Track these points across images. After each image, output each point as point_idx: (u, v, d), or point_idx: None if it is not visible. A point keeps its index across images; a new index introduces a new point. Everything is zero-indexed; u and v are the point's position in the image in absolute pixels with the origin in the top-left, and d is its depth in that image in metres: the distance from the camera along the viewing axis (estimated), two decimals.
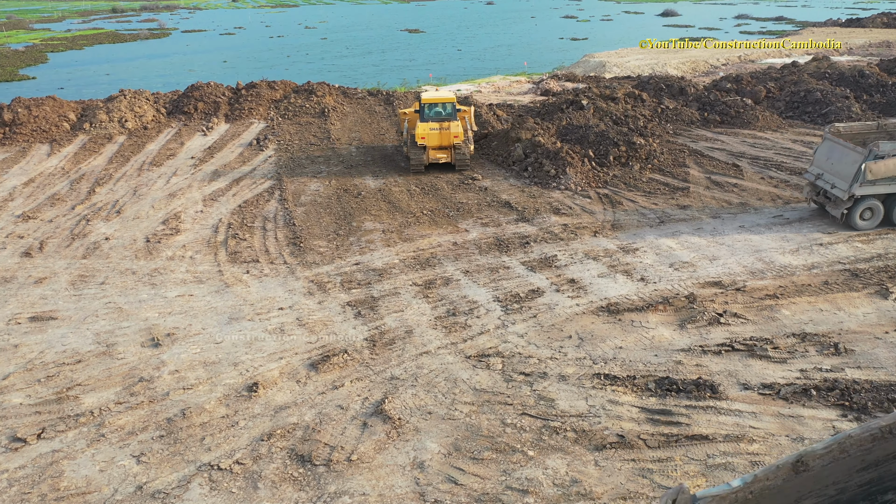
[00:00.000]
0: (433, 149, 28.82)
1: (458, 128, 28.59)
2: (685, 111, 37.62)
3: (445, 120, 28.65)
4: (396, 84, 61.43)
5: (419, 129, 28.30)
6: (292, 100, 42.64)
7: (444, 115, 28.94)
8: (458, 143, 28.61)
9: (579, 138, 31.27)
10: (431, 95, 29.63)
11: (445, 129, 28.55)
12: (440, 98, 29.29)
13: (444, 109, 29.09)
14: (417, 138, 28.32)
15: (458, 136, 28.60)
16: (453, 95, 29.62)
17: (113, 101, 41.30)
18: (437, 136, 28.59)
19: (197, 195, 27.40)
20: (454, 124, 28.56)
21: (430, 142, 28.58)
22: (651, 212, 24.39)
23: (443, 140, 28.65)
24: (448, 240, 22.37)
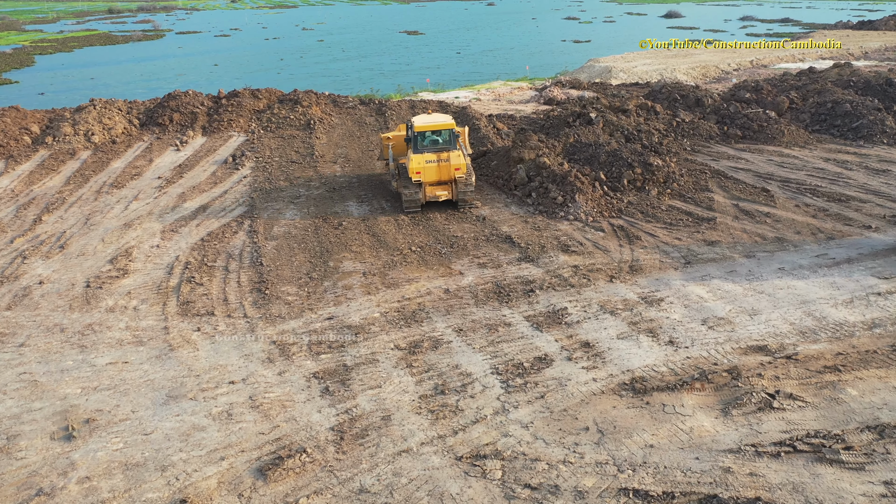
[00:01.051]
0: (431, 185, 24.41)
1: (459, 158, 24.14)
2: (703, 125, 34.35)
3: (443, 150, 24.25)
4: (391, 90, 58.23)
5: (413, 162, 23.75)
6: (276, 110, 39.41)
7: (442, 143, 24.53)
8: (461, 177, 24.21)
9: (589, 158, 28.00)
10: (425, 122, 24.56)
11: (444, 162, 24.03)
12: (436, 124, 24.38)
13: (441, 137, 24.59)
14: (411, 173, 23.72)
15: (461, 169, 24.12)
16: (451, 120, 24.72)
17: (81, 112, 38.09)
18: (434, 169, 24.04)
19: (156, 225, 24.14)
20: (454, 154, 24.12)
21: (427, 177, 24.08)
22: (674, 249, 21.10)
23: (442, 174, 24.17)
24: (439, 286, 19.10)
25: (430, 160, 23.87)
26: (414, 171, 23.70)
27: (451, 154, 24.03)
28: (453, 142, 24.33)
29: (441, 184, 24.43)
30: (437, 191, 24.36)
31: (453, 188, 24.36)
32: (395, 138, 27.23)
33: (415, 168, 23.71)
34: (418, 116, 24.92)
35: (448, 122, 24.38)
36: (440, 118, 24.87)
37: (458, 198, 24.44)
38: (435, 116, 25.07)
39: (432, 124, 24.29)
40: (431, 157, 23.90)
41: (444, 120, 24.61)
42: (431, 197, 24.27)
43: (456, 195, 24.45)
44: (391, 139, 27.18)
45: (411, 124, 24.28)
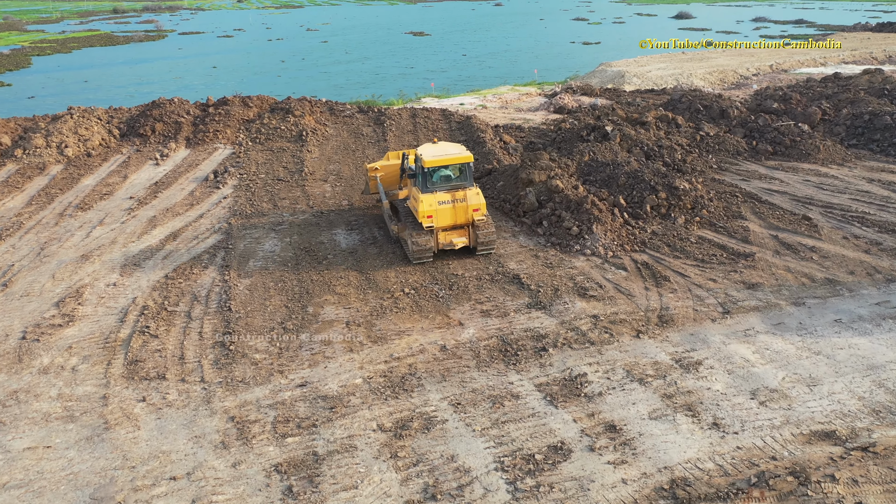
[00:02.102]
0: (445, 230, 20.36)
1: (477, 197, 20.20)
2: (729, 139, 31.35)
3: (458, 187, 20.17)
4: (393, 95, 55.42)
5: (424, 204, 19.69)
6: (266, 120, 36.57)
7: (457, 180, 20.38)
8: (481, 220, 20.26)
9: (606, 179, 25.05)
10: (437, 154, 20.12)
11: (461, 202, 20.01)
12: (451, 158, 20.03)
13: (456, 173, 20.46)
14: (421, 217, 19.70)
15: (480, 209, 20.20)
16: (466, 151, 20.47)
17: (56, 122, 35.38)
18: (449, 212, 19.97)
19: (117, 257, 21.33)
20: (471, 192, 20.15)
21: (441, 221, 19.99)
22: (709, 294, 18.15)
23: (458, 216, 20.13)
24: (435, 340, 16.20)
25: (444, 201, 19.89)
26: (425, 214, 19.66)
27: (467, 192, 20.09)
28: (469, 177, 20.34)
29: (456, 228, 20.50)
30: (452, 237, 20.32)
31: (470, 232, 20.43)
32: (383, 169, 23.61)
33: (426, 211, 19.66)
34: (425, 147, 20.73)
35: (464, 156, 20.18)
36: (453, 149, 20.64)
37: (479, 245, 20.41)
38: (445, 147, 20.91)
39: (446, 158, 19.97)
40: (445, 196, 19.93)
41: (459, 152, 20.38)
42: (446, 245, 20.19)
43: (474, 241, 20.47)
44: (379, 170, 23.59)
45: (419, 158, 20.02)
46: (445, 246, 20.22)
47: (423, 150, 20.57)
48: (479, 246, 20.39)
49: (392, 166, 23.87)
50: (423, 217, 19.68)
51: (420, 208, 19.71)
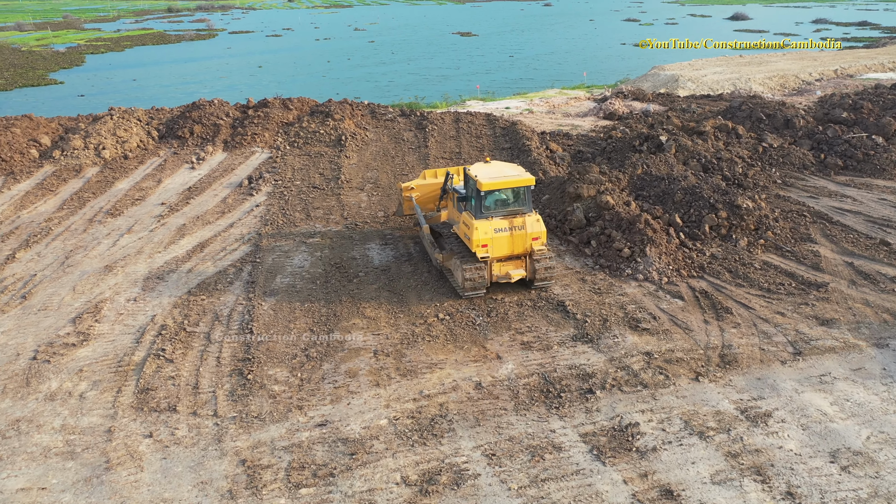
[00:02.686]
0: (500, 261, 18.11)
1: (538, 225, 17.96)
2: (794, 151, 29.09)
3: (517, 213, 17.90)
4: (437, 98, 54.10)
5: (479, 232, 17.43)
6: (305, 123, 35.61)
7: (515, 205, 18.00)
8: (541, 249, 18.08)
9: (661, 195, 23.23)
10: (492, 175, 17.72)
11: (519, 230, 17.74)
12: (510, 181, 17.60)
13: (514, 197, 18.03)
14: (474, 246, 17.51)
15: (540, 238, 18.01)
16: (526, 173, 18.12)
17: (96, 123, 35.01)
18: (506, 241, 17.72)
19: (141, 269, 20.43)
20: (531, 219, 17.90)
21: (497, 251, 17.74)
22: (778, 330, 16.26)
23: (516, 246, 17.89)
24: (469, 376, 14.74)
25: (501, 228, 17.59)
26: (479, 243, 17.43)
27: (526, 219, 17.82)
28: (528, 202, 18.02)
29: (512, 258, 18.15)
30: (508, 268, 18.10)
31: (527, 262, 18.24)
32: (419, 189, 21.65)
33: (480, 240, 17.42)
34: (479, 168, 18.29)
35: (524, 178, 17.76)
36: (511, 170, 18.21)
37: (538, 277, 18.19)
38: (501, 167, 18.41)
39: (505, 180, 17.51)
40: (502, 223, 17.62)
41: (518, 174, 17.93)
42: (501, 277, 17.99)
43: (532, 272, 18.26)
44: (415, 189, 21.65)
45: (474, 180, 17.63)
46: (500, 278, 17.96)
47: (478, 170, 18.10)
48: (536, 279, 18.22)
49: (429, 186, 21.89)
50: (476, 246, 17.43)
51: (474, 236, 17.39)
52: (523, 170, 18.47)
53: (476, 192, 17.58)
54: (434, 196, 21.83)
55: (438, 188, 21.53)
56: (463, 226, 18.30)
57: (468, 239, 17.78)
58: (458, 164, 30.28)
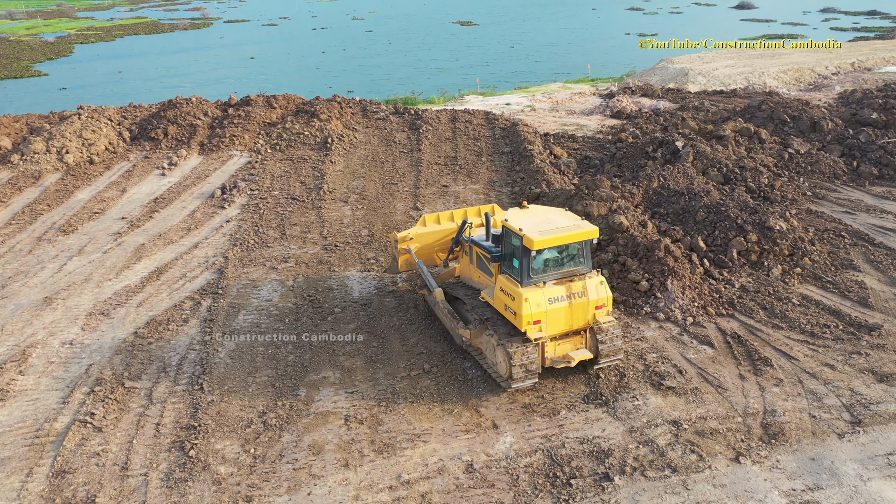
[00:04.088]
0: (556, 339, 13.87)
1: (602, 289, 13.83)
2: (824, 159, 26.35)
3: (574, 275, 13.77)
4: (434, 91, 51.26)
5: (528, 303, 13.06)
6: (289, 124, 32.88)
7: (571, 264, 13.79)
8: (608, 322, 13.90)
9: (680, 213, 20.55)
10: (543, 228, 13.40)
11: (579, 298, 13.54)
12: (567, 235, 13.35)
13: (570, 254, 13.76)
14: (524, 323, 13.11)
15: (605, 306, 13.93)
16: (586, 224, 13.85)
17: (62, 123, 32.26)
18: (564, 313, 13.45)
19: (86, 301, 17.77)
20: (593, 282, 13.76)
21: (553, 327, 13.49)
22: (828, 389, 13.62)
23: (576, 319, 13.66)
24: (458, 454, 12.11)
25: (556, 298, 13.32)
26: (530, 320, 13.13)
27: (587, 282, 13.69)
28: (588, 259, 13.86)
29: (568, 335, 13.98)
30: (566, 347, 13.93)
31: (588, 338, 14.08)
32: (420, 238, 16.87)
33: (532, 315, 13.11)
34: (517, 216, 14.05)
35: (584, 230, 13.51)
36: (562, 219, 13.94)
37: (602, 355, 14.04)
38: (549, 215, 14.14)
39: (562, 234, 13.28)
40: (557, 291, 13.37)
41: (575, 224, 13.71)
42: (557, 360, 13.80)
43: (596, 349, 14.02)
44: (414, 240, 16.84)
45: (518, 235, 13.37)
46: (556, 362, 13.76)
47: (520, 220, 13.76)
48: (602, 356, 14.05)
49: (431, 234, 17.05)
50: (526, 323, 13.09)
51: (522, 310, 13.00)
52: (576, 216, 14.23)
53: (523, 250, 13.16)
54: (439, 246, 17.18)
55: (443, 237, 17.04)
56: (501, 293, 13.75)
57: (512, 313, 13.36)
58: (454, 171, 27.59)
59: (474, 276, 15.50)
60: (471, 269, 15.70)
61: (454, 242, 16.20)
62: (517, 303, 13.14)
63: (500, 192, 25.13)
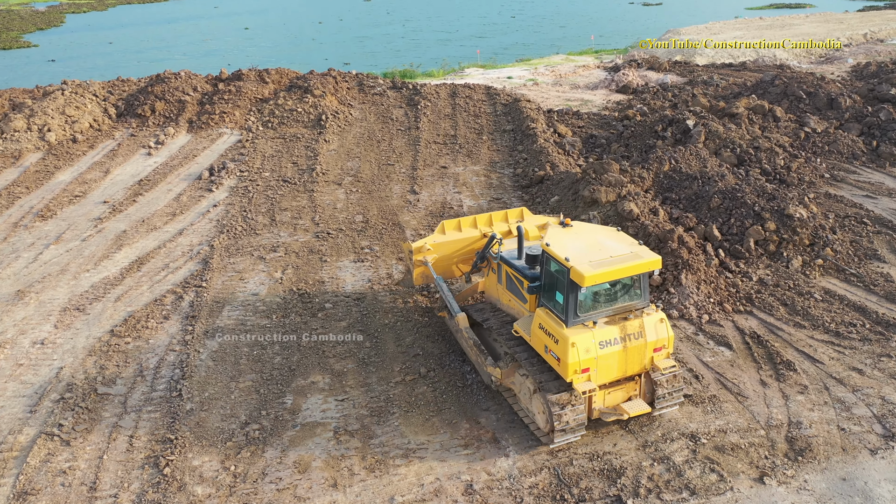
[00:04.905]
0: (606, 387, 11.60)
1: (661, 327, 11.55)
2: (842, 138, 25.07)
3: (630, 310, 11.55)
4: (434, 64, 49.60)
5: (575, 349, 10.86)
6: (281, 100, 31.53)
7: (625, 297, 11.56)
8: (669, 369, 11.60)
9: (692, 199, 19.40)
10: (590, 255, 11.14)
11: (636, 339, 11.34)
12: (624, 267, 11.04)
13: (624, 286, 11.51)
14: (570, 371, 10.93)
15: (664, 348, 11.67)
16: (647, 251, 11.51)
17: (45, 99, 30.90)
18: (617, 359, 11.29)
19: (61, 295, 16.70)
20: (651, 320, 11.51)
21: (604, 375, 11.32)
22: (857, 397, 12.60)
23: (630, 364, 11.49)
24: (457, 472, 11.12)
25: (609, 341, 11.10)
26: (578, 368, 10.92)
27: (644, 320, 11.41)
28: (645, 289, 11.59)
29: (621, 382, 11.70)
30: (617, 396, 11.65)
31: (644, 384, 11.84)
32: (438, 248, 14.58)
33: (580, 363, 10.90)
34: (558, 238, 11.64)
35: (646, 259, 11.19)
36: (615, 243, 11.61)
37: (659, 403, 11.81)
38: (596, 236, 11.84)
39: (618, 266, 10.94)
40: (609, 332, 11.13)
41: (633, 252, 11.32)
42: (607, 413, 11.49)
43: (651, 396, 11.83)
44: (431, 250, 14.53)
45: (564, 267, 10.95)
46: (606, 415, 11.46)
47: (563, 245, 11.31)
48: (658, 405, 11.81)
49: (451, 244, 14.71)
50: (572, 373, 10.91)
51: (568, 357, 10.79)
52: (631, 240, 11.79)
53: (569, 284, 10.85)
54: (459, 257, 14.94)
55: (464, 246, 14.81)
56: (540, 331, 11.46)
57: (555, 359, 11.13)
58: (454, 150, 26.33)
59: (503, 298, 13.35)
60: (498, 290, 13.52)
61: (479, 257, 13.99)
62: (562, 347, 10.89)
63: (502, 174, 23.92)
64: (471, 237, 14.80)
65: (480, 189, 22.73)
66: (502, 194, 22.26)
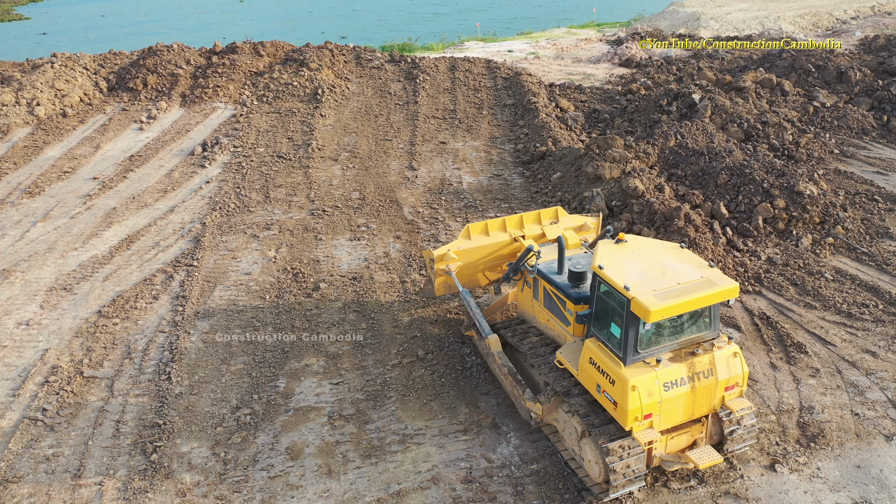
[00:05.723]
0: (671, 431, 9.93)
1: (734, 362, 9.85)
2: (851, 112, 24.42)
3: (698, 343, 9.79)
4: (433, 38, 48.64)
5: (637, 394, 9.15)
6: (276, 74, 30.78)
7: (693, 329, 9.77)
8: (744, 410, 9.97)
9: (699, 176, 18.82)
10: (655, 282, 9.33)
11: (706, 378, 9.62)
12: (696, 298, 9.18)
13: (693, 316, 9.70)
14: (629, 418, 9.22)
15: (738, 385, 9.98)
16: (722, 277, 9.61)
17: (34, 73, 30.16)
18: (684, 401, 9.59)
19: (48, 274, 16.20)
20: (724, 354, 9.79)
21: (668, 419, 9.64)
22: (871, 381, 12.16)
23: (699, 406, 9.80)
24: (456, 458, 10.70)
25: (675, 381, 9.45)
26: (640, 413, 9.31)
27: (715, 355, 9.74)
28: (716, 318, 9.84)
29: (685, 425, 10.05)
30: (680, 442, 10.04)
31: (710, 426, 10.13)
32: (463, 256, 12.92)
33: (642, 408, 9.28)
34: (610, 255, 9.99)
35: (723, 287, 9.40)
36: (684, 266, 9.80)
37: (730, 449, 10.24)
38: (656, 253, 10.15)
39: (689, 297, 9.17)
40: (675, 372, 9.47)
41: (705, 280, 9.50)
42: (670, 461, 9.93)
43: (718, 437, 10.21)
44: (455, 258, 12.84)
45: (623, 297, 9.22)
46: (669, 463, 9.87)
47: (618, 267, 9.62)
48: (730, 451, 10.30)
49: (477, 251, 13.02)
50: (632, 420, 9.24)
51: (627, 403, 9.13)
52: (699, 260, 10.00)
53: (629, 317, 9.13)
54: (487, 265, 13.36)
55: (492, 252, 13.15)
56: (591, 367, 9.78)
57: (611, 402, 9.44)
58: (453, 125, 25.65)
59: (540, 317, 11.67)
60: (535, 307, 11.78)
61: (512, 270, 12.16)
62: (619, 391, 9.21)
63: (503, 150, 23.29)
64: (499, 242, 13.06)
65: (480, 165, 22.13)
66: (503, 171, 21.66)
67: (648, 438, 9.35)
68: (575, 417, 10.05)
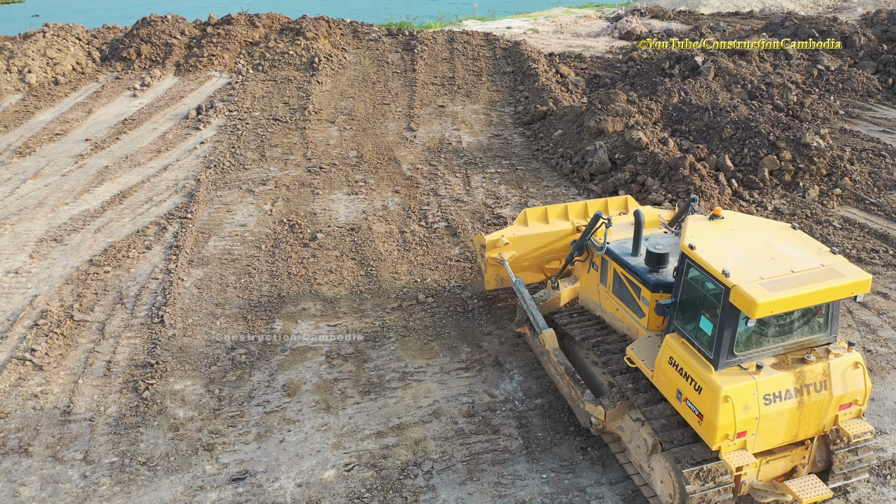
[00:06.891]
0: (767, 454, 7.94)
1: (854, 376, 7.76)
2: (856, 75, 24.11)
3: (809, 347, 7.82)
4: (431, 18, 48.15)
5: (730, 407, 7.27)
6: (272, 43, 30.33)
7: (802, 330, 7.78)
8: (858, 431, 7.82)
9: (704, 131, 18.46)
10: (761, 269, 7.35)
11: (817, 392, 7.60)
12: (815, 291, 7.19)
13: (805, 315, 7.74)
14: (718, 434, 7.33)
15: (856, 403, 7.88)
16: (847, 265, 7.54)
17: (26, 42, 29.69)
18: (789, 419, 7.63)
19: (38, 227, 15.81)
20: (841, 364, 7.71)
21: (766, 440, 7.69)
22: (883, 320, 11.86)
23: (805, 426, 7.77)
24: (457, 394, 10.39)
25: (778, 394, 7.49)
26: (731, 431, 7.40)
27: (830, 363, 7.70)
28: (834, 319, 7.87)
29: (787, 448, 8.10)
30: (777, 467, 8.14)
31: (815, 449, 8.22)
32: (518, 243, 11.44)
33: (734, 425, 7.37)
34: (702, 231, 8.02)
35: (851, 279, 7.33)
36: (797, 250, 7.79)
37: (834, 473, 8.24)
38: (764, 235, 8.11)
39: (807, 289, 7.16)
40: (780, 381, 7.51)
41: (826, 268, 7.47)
42: (764, 491, 7.93)
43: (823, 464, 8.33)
44: (509, 245, 11.40)
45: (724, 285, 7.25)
46: (763, 494, 7.94)
47: (713, 246, 7.77)
48: (837, 476, 8.29)
49: (535, 239, 11.50)
50: (721, 438, 7.43)
51: (716, 417, 7.32)
52: (817, 243, 8.04)
53: (729, 310, 7.28)
54: (546, 255, 11.71)
55: (550, 242, 11.56)
56: (670, 369, 7.98)
57: (695, 414, 7.64)
58: (452, 91, 25.26)
59: (607, 305, 9.96)
60: (600, 293, 10.08)
61: (575, 247, 10.36)
62: (707, 401, 7.41)
63: (503, 112, 22.92)
64: (560, 231, 11.43)
65: (480, 126, 21.76)
66: (503, 131, 21.29)
67: (740, 463, 7.40)
68: (645, 428, 8.37)
